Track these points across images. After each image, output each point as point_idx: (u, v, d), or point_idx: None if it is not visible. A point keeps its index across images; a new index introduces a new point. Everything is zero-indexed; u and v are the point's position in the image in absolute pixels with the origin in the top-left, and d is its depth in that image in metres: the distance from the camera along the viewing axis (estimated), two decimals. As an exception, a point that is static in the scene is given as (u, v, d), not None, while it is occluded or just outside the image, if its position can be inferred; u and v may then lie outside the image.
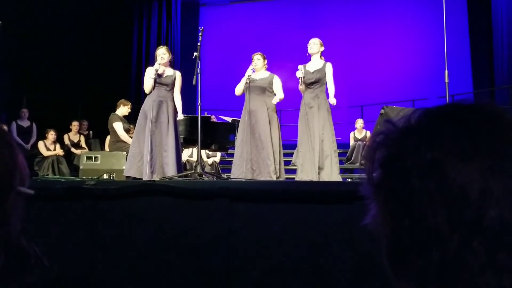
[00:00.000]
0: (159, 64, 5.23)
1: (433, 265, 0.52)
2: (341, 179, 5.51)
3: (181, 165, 5.34)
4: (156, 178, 4.92)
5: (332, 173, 5.16)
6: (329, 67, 5.37)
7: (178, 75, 5.41)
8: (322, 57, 5.53)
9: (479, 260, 0.51)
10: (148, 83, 5.25)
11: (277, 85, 5.54)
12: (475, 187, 0.50)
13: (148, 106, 5.22)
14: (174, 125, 5.28)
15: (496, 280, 0.51)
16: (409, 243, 0.54)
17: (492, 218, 0.50)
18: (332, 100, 5.29)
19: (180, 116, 5.45)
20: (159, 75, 5.25)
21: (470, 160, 0.51)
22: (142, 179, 4.91)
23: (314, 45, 5.46)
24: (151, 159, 5.04)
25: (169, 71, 5.37)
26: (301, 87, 5.45)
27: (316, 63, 5.44)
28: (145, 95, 5.39)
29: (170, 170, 5.06)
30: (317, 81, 5.34)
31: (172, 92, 5.36)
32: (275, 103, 5.49)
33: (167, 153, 5.13)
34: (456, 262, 0.51)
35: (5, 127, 0.80)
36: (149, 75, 5.24)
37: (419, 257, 0.53)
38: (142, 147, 5.13)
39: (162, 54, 5.29)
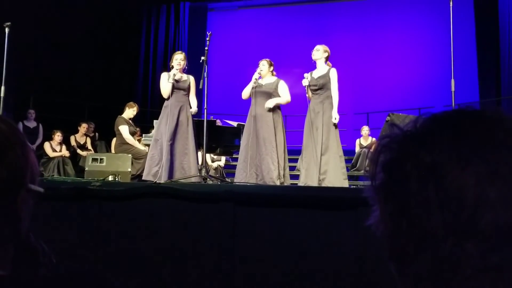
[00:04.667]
0: (177, 69, 5.35)
1: (427, 266, 0.54)
2: (347, 185, 5.46)
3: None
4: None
5: (336, 179, 5.11)
6: (333, 73, 5.33)
7: (192, 79, 5.54)
8: (329, 63, 5.49)
9: (472, 262, 0.52)
10: (166, 88, 5.34)
11: (283, 88, 5.51)
12: (471, 191, 0.51)
13: (168, 111, 5.31)
14: (193, 129, 5.39)
15: (488, 282, 0.52)
16: (406, 244, 0.55)
17: (486, 222, 0.51)
18: (335, 116, 5.18)
19: (194, 109, 5.48)
20: (176, 81, 5.35)
21: (468, 165, 0.52)
22: None
23: (317, 52, 5.45)
24: (170, 164, 5.13)
25: (184, 76, 5.50)
26: (308, 94, 5.46)
27: (320, 69, 5.42)
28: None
29: (192, 173, 5.15)
30: (321, 87, 5.33)
31: (188, 97, 5.49)
32: (276, 103, 5.41)
33: (188, 157, 5.25)
34: (450, 264, 0.52)
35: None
36: (167, 80, 5.33)
37: (415, 257, 0.55)
38: (160, 151, 5.21)
39: (180, 60, 5.42)
